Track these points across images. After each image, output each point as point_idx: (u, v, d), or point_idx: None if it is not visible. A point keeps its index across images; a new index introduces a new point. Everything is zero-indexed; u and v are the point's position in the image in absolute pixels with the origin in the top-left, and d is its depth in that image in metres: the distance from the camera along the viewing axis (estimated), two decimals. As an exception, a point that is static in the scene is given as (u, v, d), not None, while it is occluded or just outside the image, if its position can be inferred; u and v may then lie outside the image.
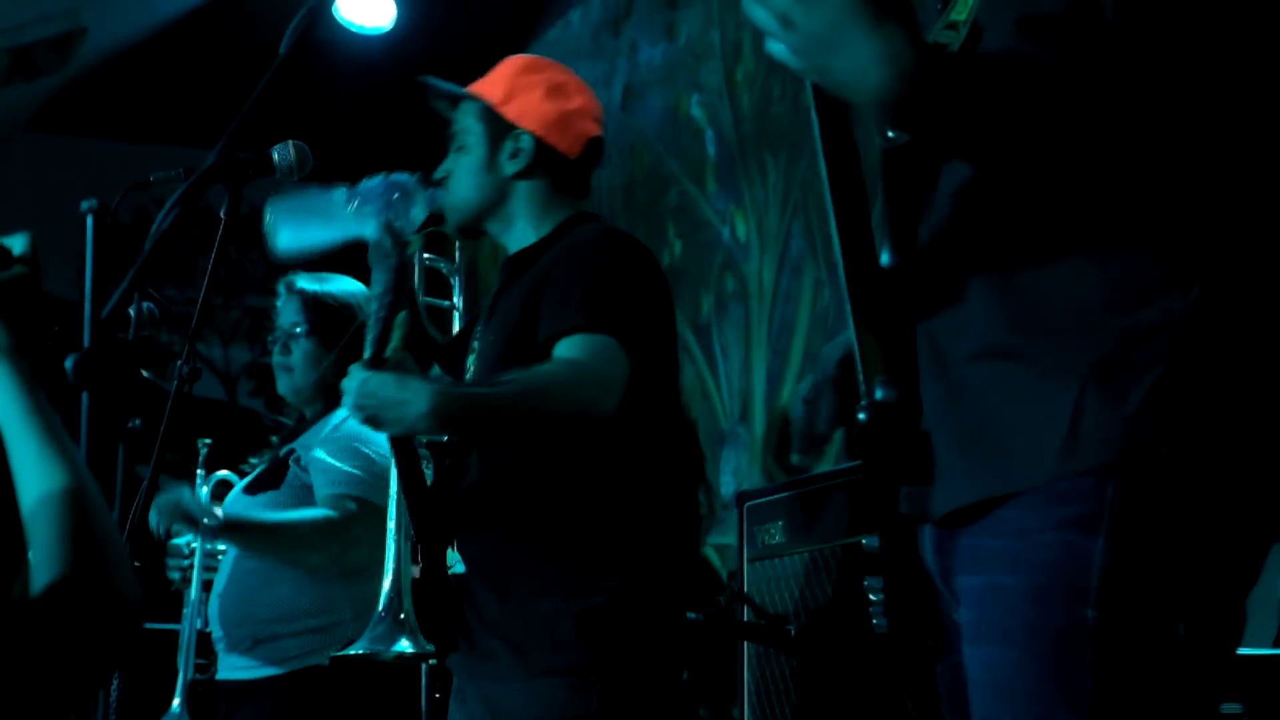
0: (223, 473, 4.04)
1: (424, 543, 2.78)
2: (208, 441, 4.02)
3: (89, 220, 2.23)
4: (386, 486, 3.39)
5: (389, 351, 2.67)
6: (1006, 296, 1.68)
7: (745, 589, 3.51)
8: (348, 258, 3.58)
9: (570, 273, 2.72)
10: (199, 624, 3.89)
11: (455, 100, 2.97)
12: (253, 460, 4.09)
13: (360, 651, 2.90)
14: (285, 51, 2.33)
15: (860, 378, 1.69)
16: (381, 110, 6.80)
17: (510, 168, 2.87)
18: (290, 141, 2.64)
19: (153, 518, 3.41)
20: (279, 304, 3.95)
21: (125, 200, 2.71)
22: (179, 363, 2.50)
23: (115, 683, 3.13)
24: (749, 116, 5.03)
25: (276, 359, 3.94)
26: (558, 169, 2.90)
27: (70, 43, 6.07)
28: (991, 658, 1.66)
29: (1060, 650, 1.61)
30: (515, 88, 2.90)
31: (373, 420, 2.61)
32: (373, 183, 2.93)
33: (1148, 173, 1.62)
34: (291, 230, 2.95)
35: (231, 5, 6.23)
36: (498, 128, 2.89)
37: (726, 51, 5.19)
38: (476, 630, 2.75)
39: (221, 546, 3.91)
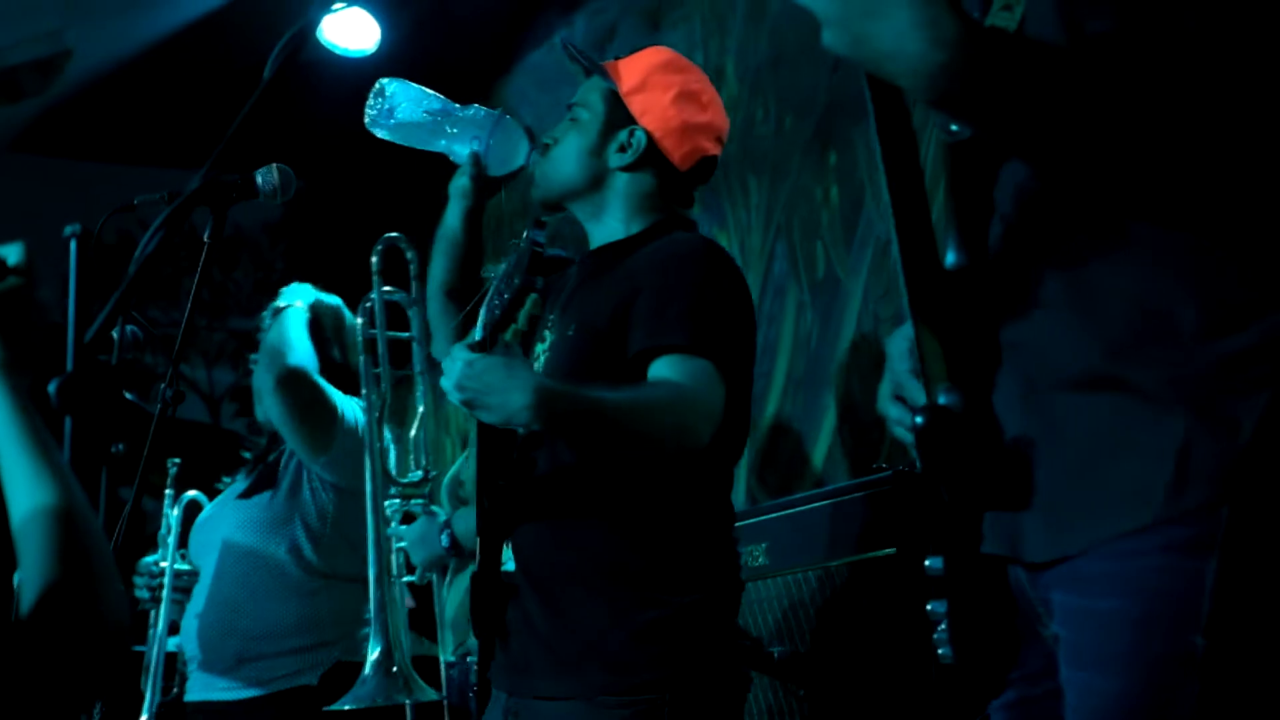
0: (192, 493, 4.05)
1: (484, 537, 2.70)
2: (177, 461, 4.03)
3: (72, 245, 2.23)
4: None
5: (508, 335, 2.61)
6: (1097, 320, 1.61)
7: (729, 611, 3.51)
8: (328, 290, 3.59)
9: (669, 284, 2.64)
10: (169, 645, 3.90)
11: (588, 70, 2.91)
12: (225, 480, 4.11)
13: (347, 708, 2.89)
14: (270, 75, 2.33)
15: (922, 382, 1.62)
16: (366, 132, 6.79)
17: (616, 160, 2.81)
18: (274, 164, 2.65)
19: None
20: (265, 325, 3.97)
21: (109, 222, 2.71)
22: (162, 385, 2.50)
23: (97, 708, 3.12)
24: (732, 138, 5.01)
25: (257, 379, 3.96)
26: (663, 174, 2.83)
27: (55, 64, 6.07)
28: (1089, 685, 1.60)
29: (1165, 680, 1.54)
30: (648, 81, 2.83)
31: (471, 404, 2.50)
32: (485, 111, 2.93)
33: (1234, 180, 1.57)
34: (395, 118, 2.98)
35: (216, 28, 6.23)
36: (617, 114, 2.83)
37: (709, 75, 5.19)
38: (515, 633, 2.67)
39: (186, 566, 3.93)
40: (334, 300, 4.02)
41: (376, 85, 2.98)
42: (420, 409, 3.28)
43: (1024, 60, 1.54)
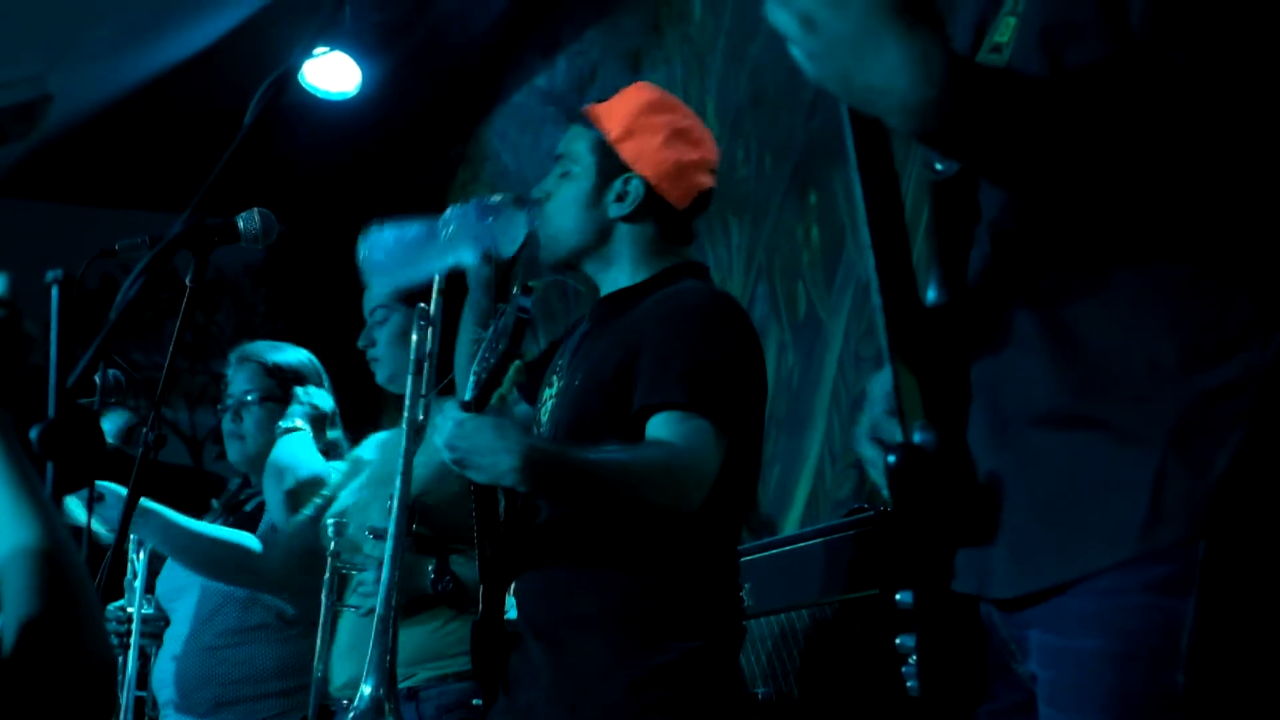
0: None
1: (487, 584, 2.69)
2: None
3: (54, 290, 2.23)
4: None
5: (494, 398, 2.61)
6: (1071, 355, 1.59)
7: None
8: (310, 332, 3.58)
9: (671, 339, 2.61)
10: (138, 691, 3.91)
11: (571, 118, 2.86)
12: None
13: None
14: (251, 119, 2.33)
15: (897, 421, 1.57)
16: (347, 174, 6.81)
17: (615, 210, 2.76)
18: (256, 209, 2.65)
19: None
20: (229, 373, 3.98)
21: (91, 266, 2.71)
22: (144, 429, 2.50)
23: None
24: (713, 180, 5.05)
25: (228, 427, 3.96)
26: (664, 217, 2.78)
27: (36, 109, 6.07)
28: None
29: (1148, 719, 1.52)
30: (637, 126, 2.77)
31: (461, 463, 2.51)
32: (464, 209, 2.86)
33: (1214, 210, 1.54)
34: (387, 266, 2.92)
35: (198, 71, 6.25)
36: (609, 164, 2.77)
37: (690, 116, 5.22)
38: (519, 680, 2.66)
39: (153, 611, 3.93)
40: (298, 357, 4.02)
41: (359, 250, 2.97)
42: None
43: (1013, 94, 1.51)
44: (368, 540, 3.17)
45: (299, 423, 3.83)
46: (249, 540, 3.64)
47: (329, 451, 3.84)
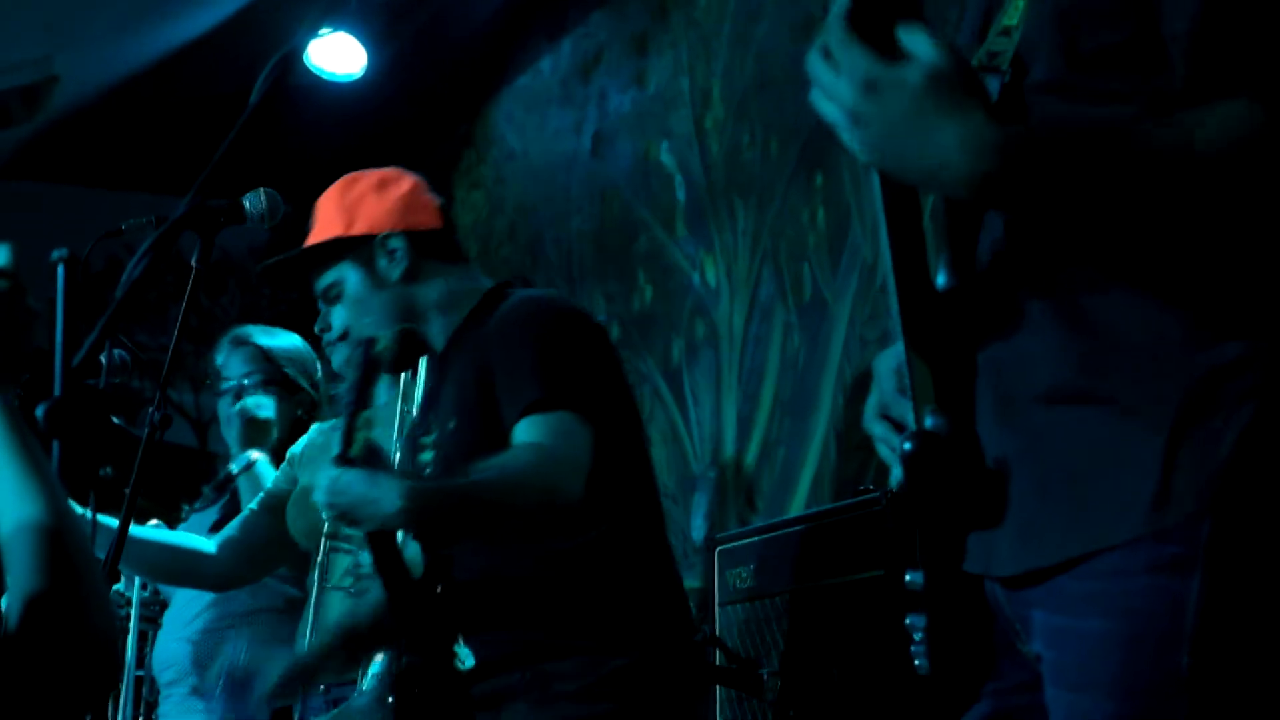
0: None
1: (413, 636, 2.70)
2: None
3: (60, 269, 2.23)
4: None
5: (355, 450, 2.62)
6: (1078, 332, 1.59)
7: (717, 632, 3.51)
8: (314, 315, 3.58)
9: (514, 348, 2.66)
10: (137, 671, 3.92)
11: (303, 264, 2.91)
12: (186, 507, 4.12)
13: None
14: (256, 100, 2.33)
15: (910, 405, 1.60)
16: (352, 156, 6.80)
17: (395, 272, 2.81)
18: (261, 189, 2.65)
19: None
20: (220, 359, 3.98)
21: (97, 247, 2.72)
22: (150, 409, 2.50)
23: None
24: (718, 163, 5.06)
25: (227, 410, 3.97)
26: (436, 248, 2.85)
27: (42, 91, 6.08)
28: (1077, 707, 1.58)
29: (1154, 702, 1.52)
30: (349, 208, 2.85)
31: (345, 518, 2.54)
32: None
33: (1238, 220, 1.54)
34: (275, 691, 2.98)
35: (203, 53, 6.25)
36: (360, 251, 2.83)
37: (695, 99, 5.22)
38: (496, 703, 2.69)
39: (146, 594, 3.95)
40: (292, 343, 4.03)
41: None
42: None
43: (1063, 152, 1.53)
44: None
45: (255, 455, 3.86)
46: (200, 543, 3.63)
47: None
